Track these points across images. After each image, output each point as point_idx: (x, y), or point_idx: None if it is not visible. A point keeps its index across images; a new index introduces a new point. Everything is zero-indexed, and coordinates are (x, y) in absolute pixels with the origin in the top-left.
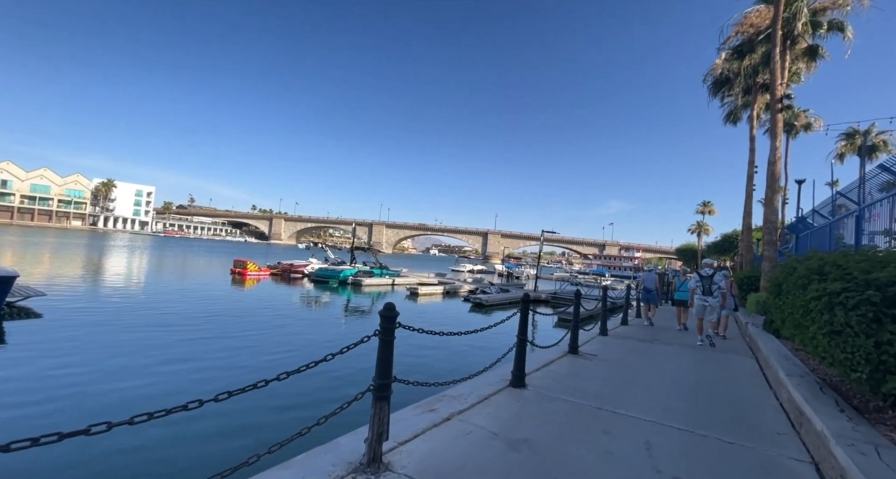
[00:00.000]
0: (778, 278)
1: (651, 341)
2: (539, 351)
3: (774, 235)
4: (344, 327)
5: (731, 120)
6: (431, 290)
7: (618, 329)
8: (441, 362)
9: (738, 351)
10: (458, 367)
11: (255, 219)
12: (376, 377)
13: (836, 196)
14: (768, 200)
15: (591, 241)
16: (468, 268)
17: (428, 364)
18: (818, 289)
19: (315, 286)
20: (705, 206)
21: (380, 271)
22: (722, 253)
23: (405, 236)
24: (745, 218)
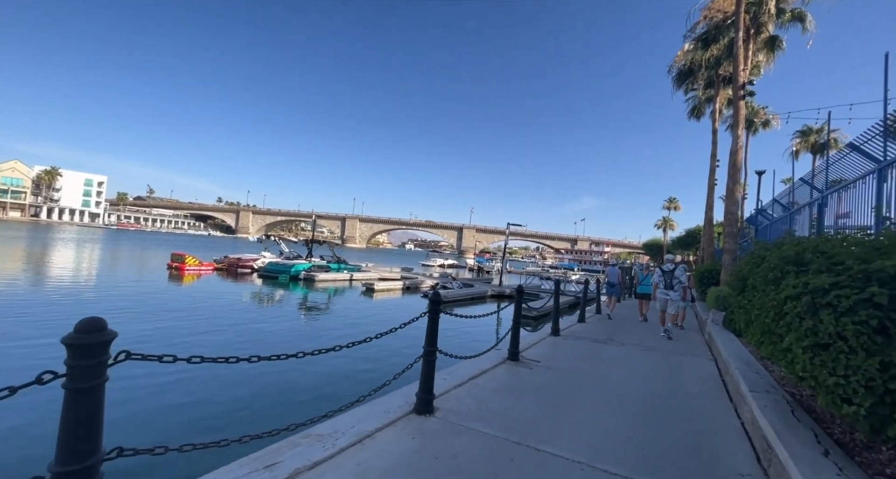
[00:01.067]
0: (742, 271)
1: (606, 341)
2: (472, 359)
3: (735, 226)
4: (252, 332)
5: (694, 115)
6: (389, 285)
7: (574, 328)
8: (330, 383)
9: (697, 351)
10: (350, 389)
11: (220, 212)
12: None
13: (797, 184)
14: (729, 191)
15: (563, 236)
16: (439, 262)
17: (308, 388)
18: (796, 284)
19: (263, 282)
20: (671, 202)
21: (337, 265)
22: (686, 248)
23: (379, 231)
24: (706, 211)
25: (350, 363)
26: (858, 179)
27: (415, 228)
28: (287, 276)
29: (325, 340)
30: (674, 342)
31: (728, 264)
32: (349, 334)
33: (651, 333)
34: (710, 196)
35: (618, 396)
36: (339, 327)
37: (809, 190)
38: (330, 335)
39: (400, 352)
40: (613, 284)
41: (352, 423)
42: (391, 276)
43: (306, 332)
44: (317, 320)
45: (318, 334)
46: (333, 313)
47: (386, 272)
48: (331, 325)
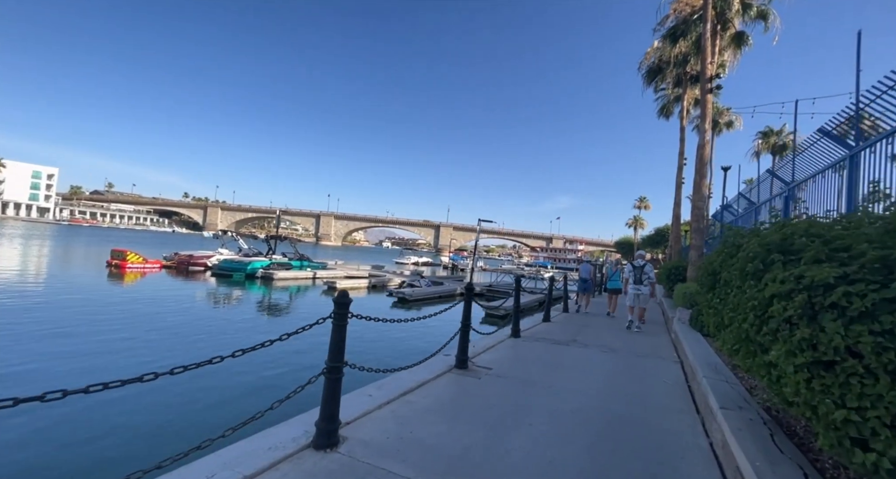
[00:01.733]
0: (712, 263)
1: (568, 342)
2: (411, 369)
3: (702, 222)
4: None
5: (664, 114)
6: (354, 284)
7: (537, 327)
8: (218, 406)
9: (662, 353)
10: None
11: (186, 208)
12: None
13: (763, 176)
14: (697, 187)
15: (538, 234)
16: (413, 260)
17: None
18: (785, 278)
19: (217, 281)
20: (641, 201)
21: (299, 262)
22: (655, 246)
23: (355, 229)
24: (674, 209)
25: (254, 380)
26: (828, 167)
27: (391, 225)
28: (242, 274)
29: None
30: (638, 342)
31: (695, 260)
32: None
33: (616, 332)
34: (677, 194)
35: (572, 412)
36: (270, 331)
37: (771, 182)
38: (253, 340)
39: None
40: (586, 279)
41: (214, 470)
42: (358, 274)
43: (227, 337)
44: (253, 321)
45: (239, 339)
46: (279, 315)
47: (353, 270)
48: (267, 327)
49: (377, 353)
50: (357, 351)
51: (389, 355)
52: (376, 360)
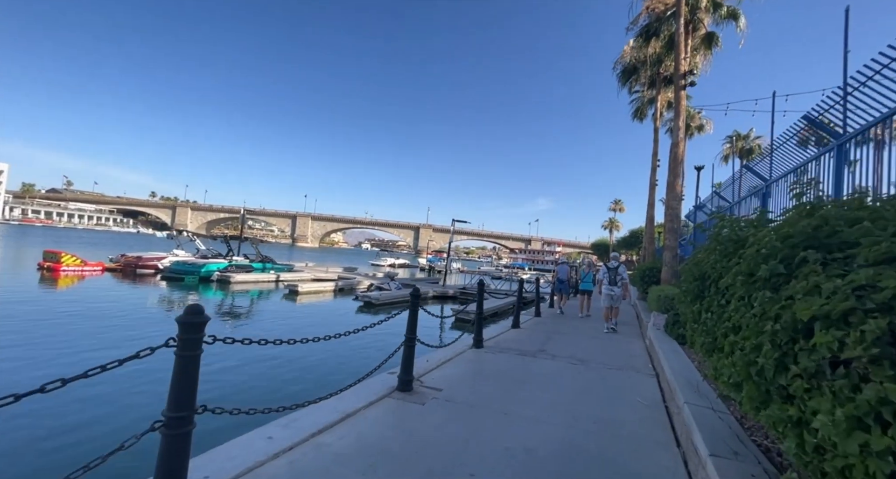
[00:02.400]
0: (700, 264)
1: (535, 353)
2: (339, 396)
3: (677, 222)
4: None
5: (638, 116)
6: (318, 287)
7: (505, 335)
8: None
9: (636, 364)
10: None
11: (153, 207)
12: None
13: (741, 172)
14: (670, 186)
15: (518, 236)
16: (389, 262)
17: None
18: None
19: (168, 285)
20: (616, 203)
21: (262, 264)
22: (630, 247)
23: (333, 230)
24: (648, 210)
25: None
26: (811, 160)
27: (370, 227)
28: (195, 277)
29: None
30: (611, 351)
31: (669, 260)
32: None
33: (588, 338)
34: (651, 195)
35: (527, 451)
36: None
37: (740, 180)
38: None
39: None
40: (563, 280)
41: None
42: (326, 276)
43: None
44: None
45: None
46: (261, 318)
47: (322, 272)
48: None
49: (320, 371)
50: (304, 369)
51: (336, 376)
52: (316, 381)
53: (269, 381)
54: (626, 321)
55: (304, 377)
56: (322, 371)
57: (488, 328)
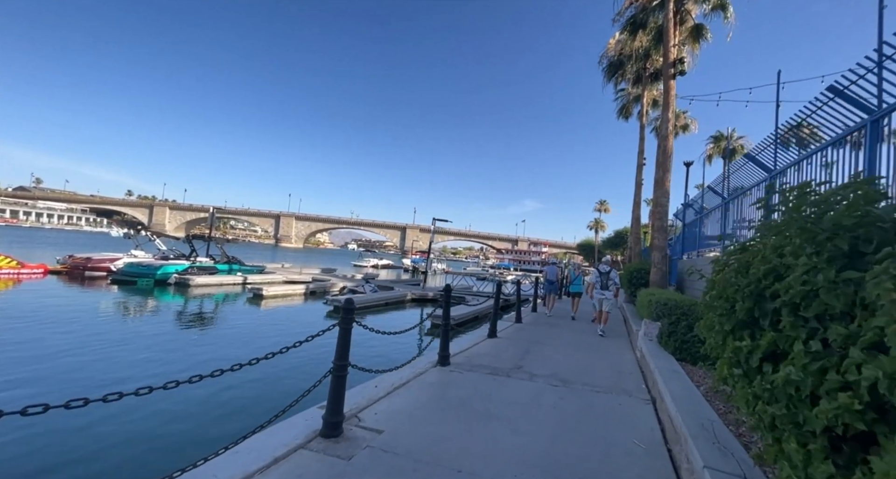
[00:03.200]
0: (753, 277)
1: (510, 371)
2: (255, 439)
3: (665, 220)
4: None
5: (623, 115)
6: (286, 290)
7: (478, 347)
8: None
9: (627, 384)
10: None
11: (129, 206)
12: None
13: (737, 164)
14: (659, 181)
15: (505, 236)
16: (372, 263)
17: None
18: None
19: (119, 289)
20: (602, 204)
21: (228, 266)
22: (615, 247)
23: (318, 230)
24: (634, 209)
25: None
26: (833, 143)
27: (356, 227)
28: (150, 280)
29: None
30: (598, 367)
31: (658, 261)
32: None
33: (574, 348)
34: (637, 194)
35: None
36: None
37: (725, 177)
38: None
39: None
40: (552, 281)
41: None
42: (299, 279)
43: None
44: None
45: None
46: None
47: (296, 274)
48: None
49: (220, 411)
50: (215, 401)
51: (254, 410)
52: (236, 414)
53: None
54: (613, 327)
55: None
56: (233, 406)
57: (462, 338)
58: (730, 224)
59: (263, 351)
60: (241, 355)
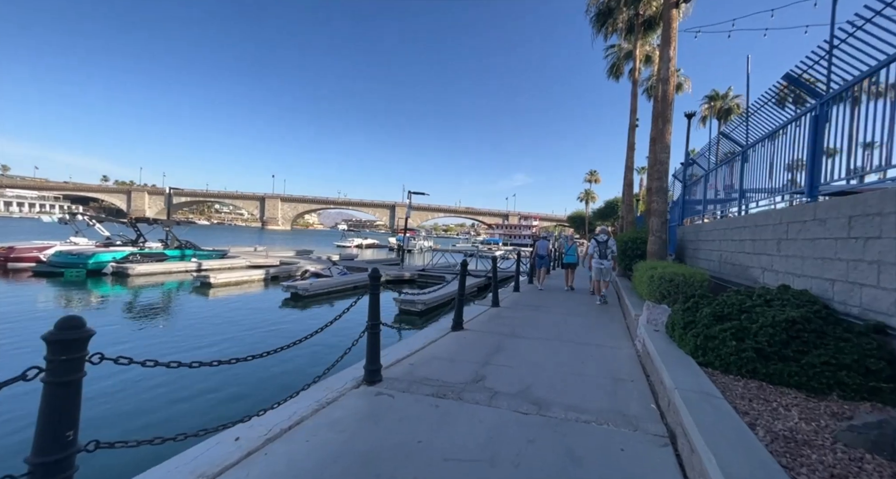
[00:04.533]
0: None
1: (463, 390)
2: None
3: (665, 180)
4: None
5: (613, 74)
6: (240, 277)
7: (434, 346)
8: None
9: (630, 405)
10: None
11: (106, 192)
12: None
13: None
14: (659, 134)
15: (495, 211)
16: (356, 242)
17: None
18: None
19: (44, 281)
20: (592, 175)
21: (180, 252)
22: (605, 218)
23: (305, 211)
24: (626, 174)
25: None
26: (789, 122)
27: (344, 206)
28: (82, 271)
29: None
30: (588, 370)
31: (657, 229)
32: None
33: (558, 342)
34: (629, 158)
35: None
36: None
37: (711, 146)
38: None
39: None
40: (543, 256)
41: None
42: (264, 263)
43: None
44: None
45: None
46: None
47: (261, 258)
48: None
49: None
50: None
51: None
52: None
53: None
54: (606, 308)
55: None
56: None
57: (417, 334)
58: (754, 178)
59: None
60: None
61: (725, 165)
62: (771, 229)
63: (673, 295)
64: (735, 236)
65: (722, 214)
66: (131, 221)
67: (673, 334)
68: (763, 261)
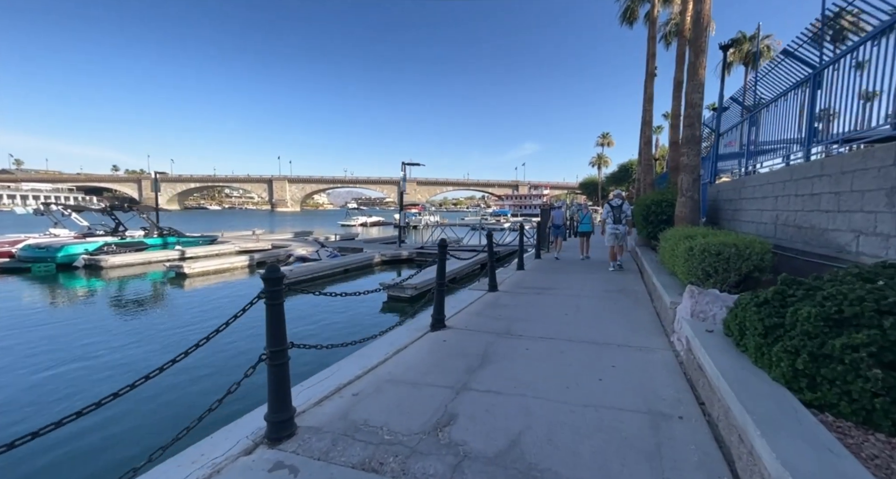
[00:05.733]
0: None
1: (410, 454)
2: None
3: (698, 128)
4: None
5: (627, 19)
6: (219, 265)
7: (394, 362)
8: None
9: (687, 471)
10: None
11: (117, 182)
12: None
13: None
14: (691, 69)
15: (504, 182)
16: (360, 221)
17: None
18: None
19: (12, 278)
20: (604, 137)
21: (161, 239)
22: (619, 183)
23: (313, 192)
24: (643, 131)
25: None
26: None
27: (353, 185)
28: (51, 265)
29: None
30: (609, 397)
31: (687, 188)
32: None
33: (566, 345)
34: (646, 111)
35: None
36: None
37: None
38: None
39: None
40: (558, 225)
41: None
42: (255, 247)
43: None
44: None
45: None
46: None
47: (252, 242)
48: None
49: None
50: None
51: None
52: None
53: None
54: (627, 285)
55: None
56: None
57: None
58: (835, 110)
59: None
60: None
61: (781, 100)
62: (873, 176)
63: (721, 273)
64: (803, 190)
65: (784, 162)
66: (107, 209)
67: (741, 342)
68: (856, 221)
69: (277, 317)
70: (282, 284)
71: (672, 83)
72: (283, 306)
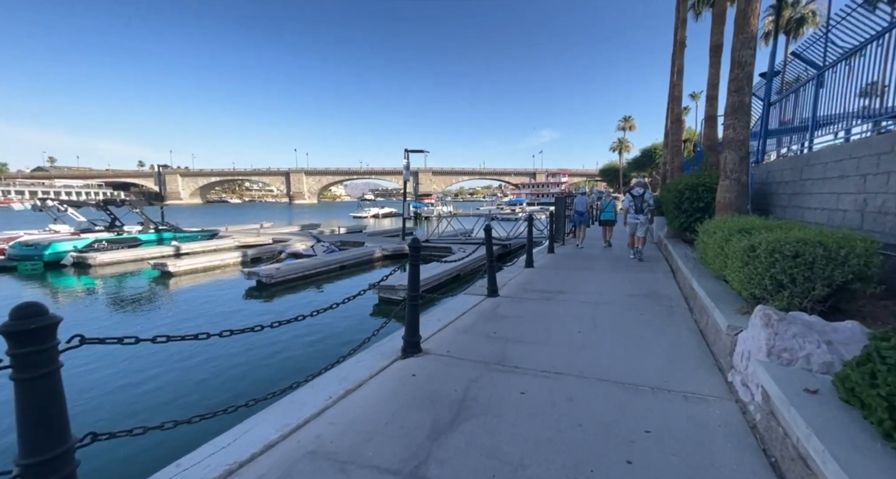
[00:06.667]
0: None
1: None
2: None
3: (747, 92)
4: None
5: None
6: (208, 262)
7: (361, 394)
8: None
9: None
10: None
11: (142, 177)
12: None
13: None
14: (741, 18)
15: (522, 170)
16: (373, 212)
17: None
18: None
19: (4, 276)
20: (626, 121)
21: (157, 235)
22: (641, 168)
23: (329, 183)
24: (671, 107)
25: None
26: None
27: (367, 176)
28: (38, 263)
29: None
30: (653, 437)
31: (733, 168)
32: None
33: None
34: (675, 86)
35: None
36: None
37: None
38: None
39: None
40: (582, 212)
41: None
42: (256, 242)
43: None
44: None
45: None
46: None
47: (252, 236)
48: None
49: None
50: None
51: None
52: None
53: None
54: (657, 288)
55: None
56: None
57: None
58: None
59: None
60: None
61: (874, 44)
62: None
63: (801, 284)
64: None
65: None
66: (101, 204)
67: (871, 416)
68: None
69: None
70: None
71: (708, 49)
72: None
